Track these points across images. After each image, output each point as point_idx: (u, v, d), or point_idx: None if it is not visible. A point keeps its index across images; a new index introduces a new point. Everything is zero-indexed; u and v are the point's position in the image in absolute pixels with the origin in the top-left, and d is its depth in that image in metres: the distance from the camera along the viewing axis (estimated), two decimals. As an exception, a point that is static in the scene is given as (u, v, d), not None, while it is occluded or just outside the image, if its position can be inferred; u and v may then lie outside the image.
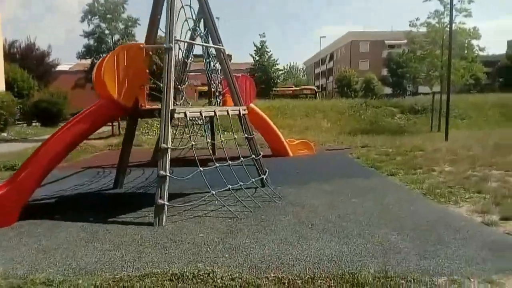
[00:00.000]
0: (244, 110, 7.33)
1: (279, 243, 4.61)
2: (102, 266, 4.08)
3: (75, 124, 5.99)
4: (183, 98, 10.18)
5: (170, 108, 5.80)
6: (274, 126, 12.16)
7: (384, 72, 56.40)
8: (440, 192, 6.94)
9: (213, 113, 6.55)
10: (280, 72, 53.59)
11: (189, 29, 8.26)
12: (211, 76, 9.08)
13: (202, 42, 7.48)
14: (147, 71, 6.12)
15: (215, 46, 7.09)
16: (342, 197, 6.75)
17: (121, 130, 20.92)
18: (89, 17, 32.42)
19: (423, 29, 21.87)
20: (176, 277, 3.73)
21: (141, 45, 6.03)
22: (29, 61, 31.40)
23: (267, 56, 49.41)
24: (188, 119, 5.94)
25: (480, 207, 5.99)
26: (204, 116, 7.18)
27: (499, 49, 66.44)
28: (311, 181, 8.14)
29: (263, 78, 47.28)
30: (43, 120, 24.88)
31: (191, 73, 12.11)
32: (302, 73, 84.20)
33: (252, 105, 11.57)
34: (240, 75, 11.58)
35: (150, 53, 6.43)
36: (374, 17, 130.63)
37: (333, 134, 18.78)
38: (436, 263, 3.99)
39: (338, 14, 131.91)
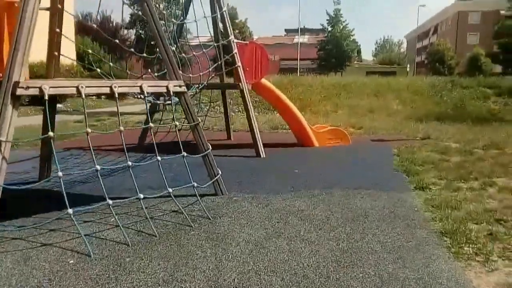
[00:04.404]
0: (180, 86, 5.12)
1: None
2: None
3: None
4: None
5: (13, 80, 3.87)
6: (295, 108, 9.65)
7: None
8: (471, 234, 4.08)
9: (108, 89, 4.44)
10: (355, 45, 48.10)
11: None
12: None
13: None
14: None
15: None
16: (301, 228, 4.27)
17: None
18: None
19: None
20: None
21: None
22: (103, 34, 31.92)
23: (341, 27, 44.40)
24: (47, 95, 3.93)
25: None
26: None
27: None
28: (291, 190, 5.73)
29: (334, 51, 42.65)
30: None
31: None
32: (397, 48, 76.70)
33: (264, 80, 9.20)
34: (247, 42, 9.24)
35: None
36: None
37: (398, 119, 15.42)
38: None
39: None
